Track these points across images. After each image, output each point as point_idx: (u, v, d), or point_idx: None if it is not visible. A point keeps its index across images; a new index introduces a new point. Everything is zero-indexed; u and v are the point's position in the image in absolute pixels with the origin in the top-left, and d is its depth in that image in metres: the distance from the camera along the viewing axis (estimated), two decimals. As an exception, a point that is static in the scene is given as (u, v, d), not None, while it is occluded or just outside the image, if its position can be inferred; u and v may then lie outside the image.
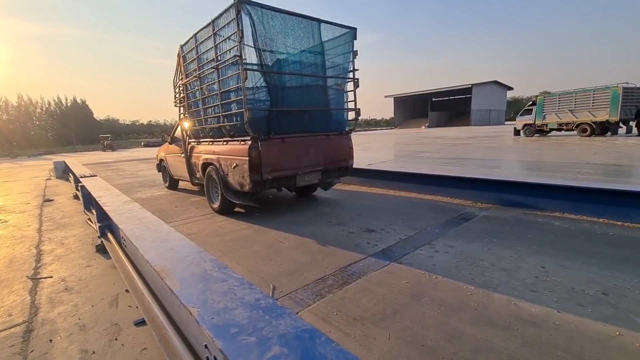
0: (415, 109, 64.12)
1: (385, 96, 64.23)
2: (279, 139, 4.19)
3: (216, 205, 4.92)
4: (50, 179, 11.43)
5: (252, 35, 3.65)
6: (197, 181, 5.69)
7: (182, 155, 5.83)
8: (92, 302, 2.70)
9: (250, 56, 3.73)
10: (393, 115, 66.41)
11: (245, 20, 3.59)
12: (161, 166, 7.59)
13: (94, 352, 2.08)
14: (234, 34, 3.65)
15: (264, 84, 4.06)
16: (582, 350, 1.72)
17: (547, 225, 3.71)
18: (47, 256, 3.75)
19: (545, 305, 2.14)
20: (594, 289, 2.32)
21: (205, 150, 5.00)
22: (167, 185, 7.50)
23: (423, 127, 54.57)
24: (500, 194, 4.66)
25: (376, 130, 63.97)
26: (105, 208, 3.35)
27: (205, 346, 1.49)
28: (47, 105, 45.15)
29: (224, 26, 3.84)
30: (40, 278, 3.20)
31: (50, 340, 2.20)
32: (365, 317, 2.08)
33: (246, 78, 3.62)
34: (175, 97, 5.83)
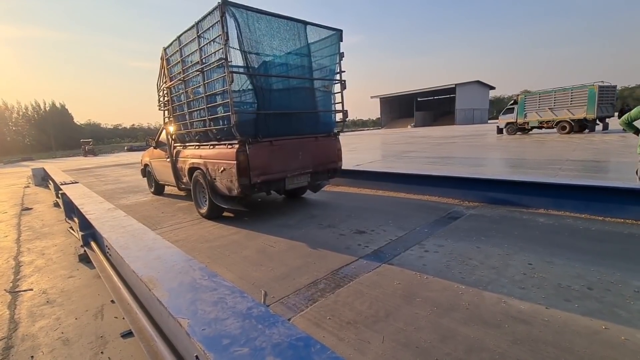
0: (401, 109, 64.90)
1: (372, 97, 64.81)
2: (266, 142, 4.15)
3: (204, 210, 4.83)
4: (28, 186, 11.03)
5: (238, 37, 3.60)
6: (183, 186, 5.58)
7: (168, 159, 5.70)
8: (76, 314, 2.60)
9: (236, 59, 3.68)
10: (379, 116, 66.98)
11: (230, 23, 3.54)
12: (146, 171, 7.41)
13: (78, 367, 2.01)
14: (218, 36, 3.59)
15: (250, 87, 4.01)
16: (570, 346, 1.75)
17: (532, 222, 3.79)
18: (27, 267, 3.61)
19: (533, 301, 2.17)
20: (579, 284, 2.37)
21: (192, 155, 4.90)
22: (152, 190, 7.32)
23: (409, 126, 55.27)
24: (486, 192, 4.74)
25: (363, 130, 64.36)
26: (87, 216, 3.24)
27: (197, 357, 1.45)
28: (24, 110, 43.65)
29: (209, 28, 3.77)
30: (20, 291, 3.07)
31: (32, 357, 2.11)
32: (359, 321, 2.07)
33: (232, 81, 3.57)
34: (159, 101, 5.70)
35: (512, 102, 20.14)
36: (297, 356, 1.10)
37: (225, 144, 4.18)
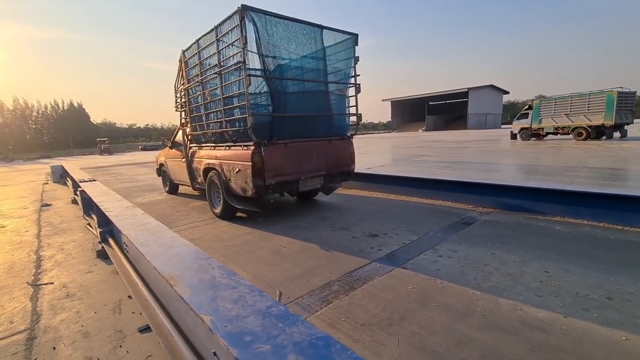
0: (413, 112, 64.56)
1: (383, 100, 64.69)
2: (281, 144, 4.20)
3: (218, 210, 4.91)
4: (47, 183, 11.34)
5: (256, 41, 3.67)
6: (198, 186, 5.67)
7: (183, 159, 5.81)
8: (95, 308, 2.67)
9: (253, 62, 3.75)
10: (390, 119, 66.73)
11: (249, 27, 3.61)
12: (161, 171, 7.56)
13: (98, 359, 2.06)
14: (237, 40, 3.66)
15: (266, 90, 4.07)
16: (589, 355, 1.73)
17: (549, 230, 3.74)
18: (47, 262, 3.72)
19: (551, 310, 2.15)
20: (598, 293, 2.33)
21: (207, 155, 4.99)
22: (167, 189, 7.47)
23: (420, 130, 54.88)
24: (500, 198, 4.69)
25: (373, 133, 64.19)
26: (107, 214, 3.32)
27: (214, 354, 1.48)
28: (43, 109, 45.00)
29: (227, 32, 3.85)
30: (41, 284, 3.17)
31: (54, 348, 2.17)
32: (373, 323, 2.08)
33: (249, 84, 3.63)
34: (176, 102, 5.83)
35: (527, 107, 19.83)
36: (317, 355, 1.12)
37: (240, 146, 4.25)
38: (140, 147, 42.85)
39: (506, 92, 59.24)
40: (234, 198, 4.45)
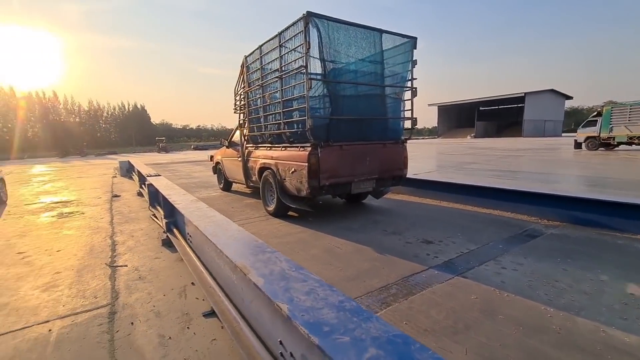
0: (461, 118, 61.61)
1: (429, 104, 62.52)
2: (337, 147, 4.26)
3: (271, 208, 5.08)
4: (115, 176, 12.52)
5: (318, 46, 3.77)
6: (252, 184, 5.92)
7: (239, 158, 6.11)
8: (163, 291, 2.89)
9: (315, 66, 3.86)
10: (436, 125, 64.35)
11: (313, 33, 3.72)
12: (217, 168, 8.00)
13: (170, 337, 2.22)
14: (300, 45, 3.80)
15: (325, 93, 4.15)
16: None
17: (630, 248, 3.36)
18: (121, 247, 4.10)
19: (640, 335, 1.93)
20: (699, 322, 2.05)
21: (263, 155, 5.20)
22: (221, 186, 7.88)
23: (469, 137, 52.24)
24: (568, 211, 4.31)
25: (418, 139, 62.35)
26: (176, 206, 3.58)
27: (280, 342, 1.53)
28: (112, 110, 50.16)
29: (291, 38, 4.01)
30: (117, 266, 3.50)
31: (132, 323, 2.39)
32: (437, 330, 2.02)
33: (310, 87, 3.74)
34: (235, 104, 6.16)
35: (595, 113, 18.03)
36: (397, 352, 1.12)
37: (297, 147, 4.38)
38: (192, 147, 45.70)
39: (569, 97, 54.36)
40: (288, 197, 4.59)
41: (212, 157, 8.28)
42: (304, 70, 3.75)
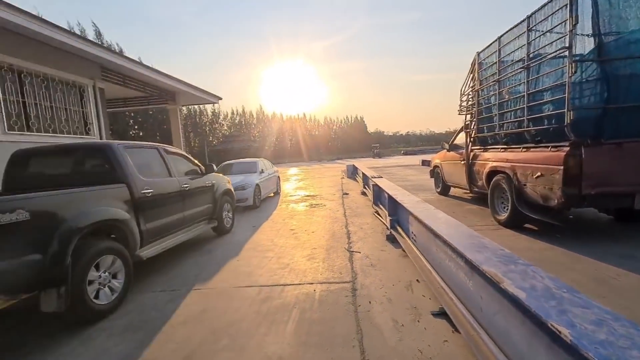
0: None
1: None
2: (612, 145, 3.25)
3: (502, 217, 4.51)
4: (343, 178, 14.91)
5: (592, 17, 2.98)
6: (476, 189, 5.48)
7: (462, 162, 5.80)
8: (392, 281, 3.13)
9: (582, 45, 3.08)
10: None
11: (585, 2, 2.96)
12: (434, 172, 7.96)
13: (403, 324, 2.38)
14: (560, 24, 3.14)
15: (595, 76, 3.23)
16: None
17: None
18: (353, 236, 4.80)
19: None
20: None
21: (495, 158, 4.69)
22: (438, 190, 7.79)
23: None
24: None
25: None
26: (404, 205, 3.81)
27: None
28: (341, 122, 60.74)
29: (546, 18, 3.39)
30: (353, 251, 4.12)
31: (370, 302, 2.73)
32: None
33: (574, 72, 3.01)
34: (460, 105, 5.91)
35: None
36: None
37: (545, 146, 3.67)
38: (402, 152, 47.89)
39: None
40: (527, 206, 3.89)
41: (423, 161, 8.32)
42: (566, 53, 3.04)
